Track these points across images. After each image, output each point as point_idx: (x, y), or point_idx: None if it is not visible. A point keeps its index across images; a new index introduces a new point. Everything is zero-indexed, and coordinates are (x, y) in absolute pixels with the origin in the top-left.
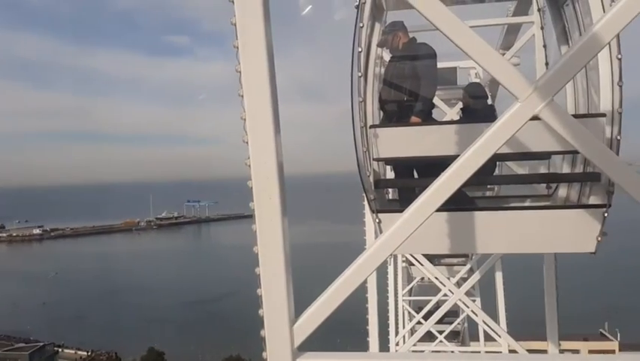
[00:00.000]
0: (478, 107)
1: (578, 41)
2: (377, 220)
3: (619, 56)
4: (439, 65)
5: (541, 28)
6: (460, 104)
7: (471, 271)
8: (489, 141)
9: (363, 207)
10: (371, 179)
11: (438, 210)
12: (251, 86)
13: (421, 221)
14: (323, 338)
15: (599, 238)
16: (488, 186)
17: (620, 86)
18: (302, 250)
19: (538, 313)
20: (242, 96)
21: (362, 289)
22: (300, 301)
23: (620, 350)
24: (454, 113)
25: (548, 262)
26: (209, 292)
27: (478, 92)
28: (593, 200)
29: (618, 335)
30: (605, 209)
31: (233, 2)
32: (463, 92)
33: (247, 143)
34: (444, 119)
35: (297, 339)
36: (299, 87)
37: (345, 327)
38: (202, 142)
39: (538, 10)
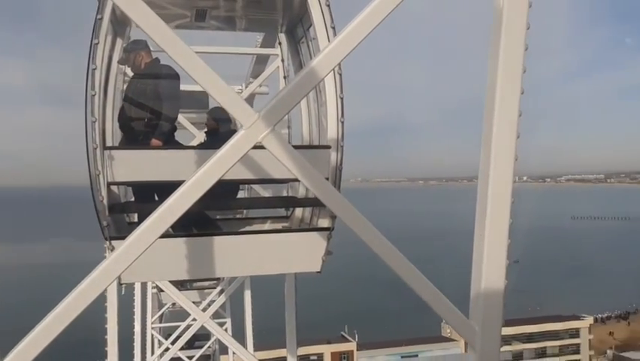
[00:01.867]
0: (222, 131)
1: (297, 76)
2: (110, 247)
3: (341, 96)
4: (192, 87)
5: (282, 60)
6: (206, 128)
7: (222, 293)
8: (214, 167)
9: None
10: (105, 203)
11: (178, 235)
12: None
13: (145, 247)
14: None
15: (324, 258)
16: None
17: (342, 122)
18: (35, 271)
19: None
20: None
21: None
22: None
23: (357, 349)
24: (202, 136)
25: (289, 276)
26: None
27: (221, 115)
28: (320, 223)
29: (356, 336)
30: (329, 232)
31: None
32: (207, 116)
33: None
34: (193, 143)
35: None
36: (43, 90)
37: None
38: None
39: (279, 43)
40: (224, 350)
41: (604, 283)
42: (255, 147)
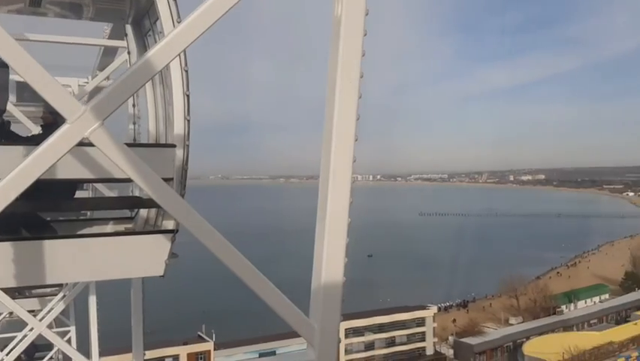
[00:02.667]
0: (60, 124)
1: (128, 70)
2: None
3: (187, 93)
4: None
5: (129, 53)
6: (42, 122)
7: (65, 299)
8: (32, 164)
9: None
10: None
11: (4, 239)
12: None
13: None
14: None
15: (167, 261)
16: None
17: (188, 120)
18: None
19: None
20: None
21: None
22: None
23: (215, 349)
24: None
25: (136, 278)
26: None
27: None
28: (165, 224)
29: (214, 336)
30: (173, 234)
31: None
32: (43, 109)
33: None
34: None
35: None
36: None
37: None
38: None
39: (125, 35)
40: (68, 359)
41: (447, 275)
42: (83, 144)
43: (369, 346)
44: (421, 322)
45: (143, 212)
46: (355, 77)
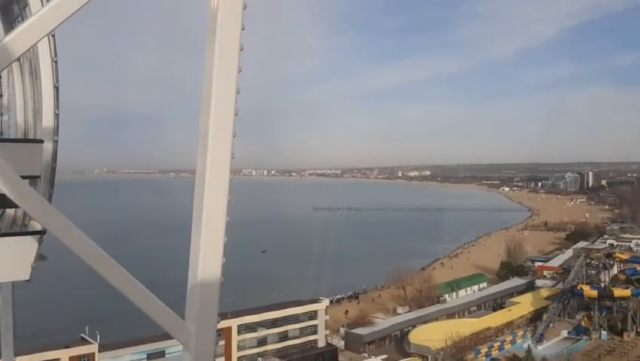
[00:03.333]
0: None
1: None
2: None
3: (57, 85)
4: None
5: None
6: None
7: None
8: None
9: None
10: None
11: None
12: None
13: None
14: None
15: (34, 264)
16: None
17: (57, 115)
18: None
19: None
20: None
21: None
22: None
23: (99, 351)
24: None
25: (4, 284)
26: None
27: None
28: (32, 225)
29: (98, 337)
30: (40, 235)
31: None
32: None
33: None
34: None
35: None
36: None
37: None
38: None
39: None
40: None
41: (340, 268)
42: None
43: (262, 341)
44: (313, 315)
45: (10, 212)
46: (233, 71)
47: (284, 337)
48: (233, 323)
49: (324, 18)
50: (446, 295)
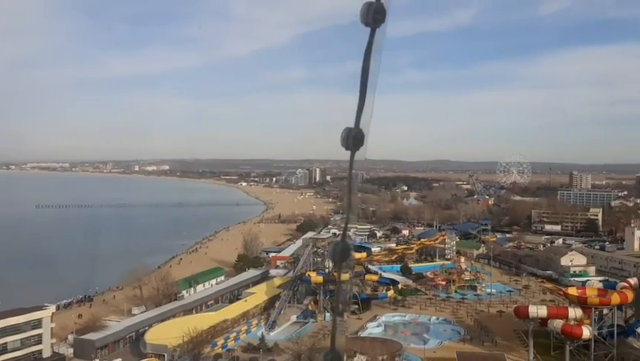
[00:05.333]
0: None
1: None
2: None
3: None
4: None
5: None
6: None
7: None
8: None
9: None
10: None
11: None
12: None
13: None
14: None
15: None
16: None
17: None
18: None
19: None
20: None
21: None
22: None
23: None
24: None
25: None
26: None
27: None
28: None
29: None
30: None
31: None
32: None
33: None
34: None
35: None
36: None
37: None
38: None
39: None
40: None
41: (70, 270)
42: None
43: None
44: (37, 324)
45: None
46: None
47: (2, 350)
48: None
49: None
50: (184, 292)
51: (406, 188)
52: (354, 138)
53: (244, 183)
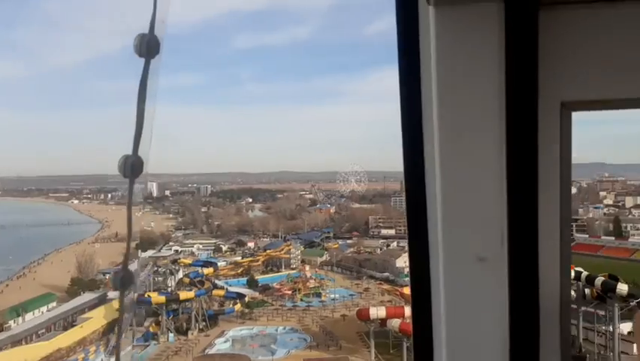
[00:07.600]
0: None
1: None
2: None
3: None
4: None
5: None
6: None
7: None
8: None
9: None
10: None
11: None
12: None
13: None
14: None
15: None
16: None
17: None
18: None
19: None
20: None
21: None
22: None
23: None
24: None
25: None
26: None
27: None
28: None
29: None
30: None
31: None
32: None
33: None
34: None
35: None
36: None
37: None
38: None
39: None
40: None
41: None
42: None
43: None
44: None
45: None
46: None
47: None
48: None
49: None
50: (11, 322)
51: (250, 200)
52: (132, 165)
53: (76, 201)
